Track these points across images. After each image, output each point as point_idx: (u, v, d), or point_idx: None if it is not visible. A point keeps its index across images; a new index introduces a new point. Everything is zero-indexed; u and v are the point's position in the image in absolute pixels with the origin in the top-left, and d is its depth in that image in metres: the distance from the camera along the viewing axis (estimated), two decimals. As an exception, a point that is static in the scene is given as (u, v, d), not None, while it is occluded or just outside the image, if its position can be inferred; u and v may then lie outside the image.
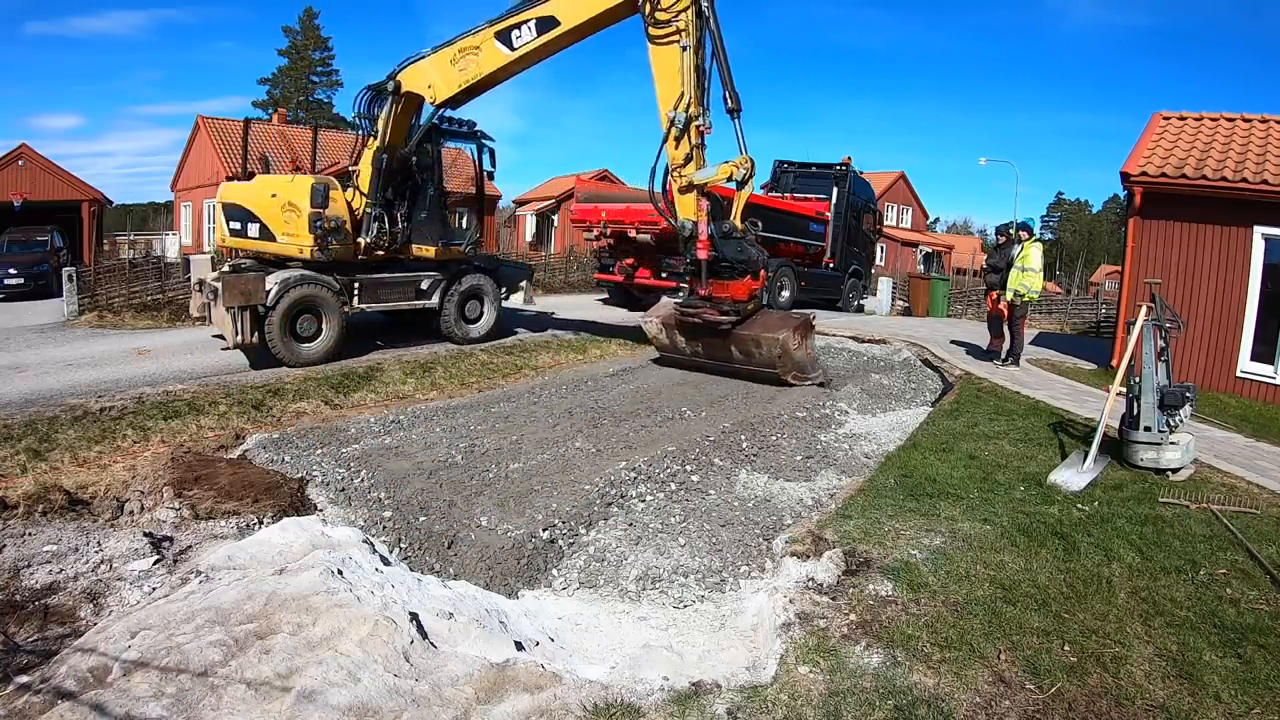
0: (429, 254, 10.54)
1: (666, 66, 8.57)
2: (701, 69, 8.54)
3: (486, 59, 9.29)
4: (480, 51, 9.29)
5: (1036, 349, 12.55)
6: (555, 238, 37.27)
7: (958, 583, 3.91)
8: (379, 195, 9.83)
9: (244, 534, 4.70)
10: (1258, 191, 9.07)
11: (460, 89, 9.52)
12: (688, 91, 8.45)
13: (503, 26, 9.15)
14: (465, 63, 9.39)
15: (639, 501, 5.55)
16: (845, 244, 18.51)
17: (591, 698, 2.89)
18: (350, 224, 9.73)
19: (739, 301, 9.05)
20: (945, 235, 61.62)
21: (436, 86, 9.58)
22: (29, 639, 3.45)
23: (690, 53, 8.37)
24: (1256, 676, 3.15)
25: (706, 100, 8.65)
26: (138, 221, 52.62)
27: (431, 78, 9.59)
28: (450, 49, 9.46)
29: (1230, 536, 4.60)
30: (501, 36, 9.15)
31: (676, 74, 8.49)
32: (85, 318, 12.83)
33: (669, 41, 8.48)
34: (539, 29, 8.98)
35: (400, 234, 10.15)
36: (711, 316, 9.05)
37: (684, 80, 8.45)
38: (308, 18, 53.95)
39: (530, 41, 9.04)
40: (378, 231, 9.83)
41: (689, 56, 8.39)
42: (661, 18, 8.47)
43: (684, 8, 8.38)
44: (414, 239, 10.38)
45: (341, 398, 8.17)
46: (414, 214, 10.34)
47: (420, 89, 9.69)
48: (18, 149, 21.73)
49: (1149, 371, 5.94)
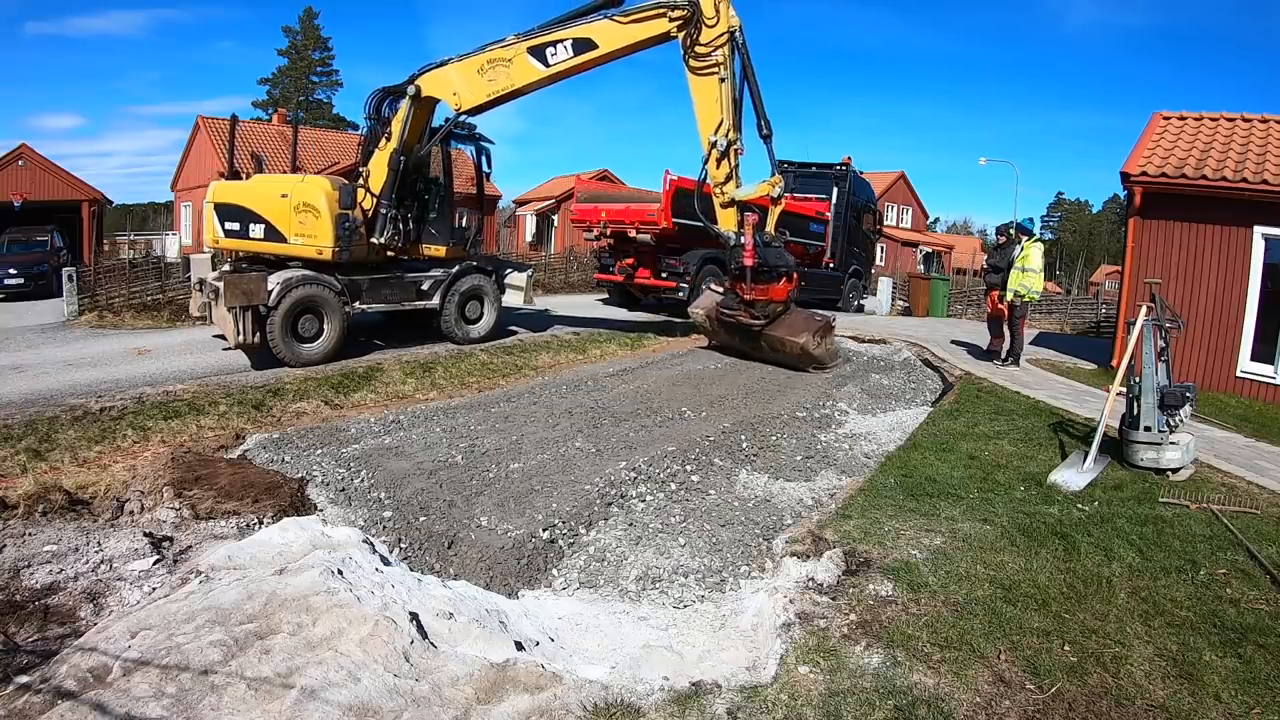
0: (439, 253, 10.72)
1: (706, 96, 9.17)
2: (736, 98, 9.15)
3: (518, 72, 9.41)
4: (511, 64, 9.40)
5: (1036, 349, 12.54)
6: (555, 238, 37.26)
7: (958, 583, 3.91)
8: (393, 195, 9.87)
9: (244, 534, 4.70)
10: (1258, 191, 9.06)
11: (489, 99, 9.63)
12: (726, 119, 9.10)
13: (537, 43, 9.28)
14: (495, 74, 9.50)
15: (639, 501, 5.55)
16: (845, 244, 18.51)
17: (591, 698, 2.89)
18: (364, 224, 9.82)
19: (774, 302, 10.01)
20: (945, 235, 61.64)
21: (462, 94, 9.66)
22: (29, 639, 3.45)
23: (728, 83, 9.00)
24: (1256, 676, 3.15)
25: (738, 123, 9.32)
26: (138, 221, 52.63)
27: (457, 85, 9.66)
28: (478, 58, 9.54)
29: (1230, 536, 4.60)
30: (535, 52, 9.28)
31: (715, 103, 9.10)
32: (85, 318, 12.83)
33: (709, 73, 9.06)
34: (575, 49, 9.19)
35: (410, 234, 10.27)
36: (745, 319, 10.12)
37: (723, 109, 9.08)
38: (308, 18, 54.02)
39: (566, 60, 9.24)
40: (391, 232, 9.90)
41: (727, 87, 9.01)
42: (701, 51, 9.01)
43: (722, 43, 8.94)
44: (424, 239, 10.52)
45: (341, 398, 8.17)
46: (424, 214, 10.48)
47: (444, 95, 9.76)
48: (18, 149, 21.75)
49: (1149, 371, 5.94)
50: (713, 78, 9.02)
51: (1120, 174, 10.11)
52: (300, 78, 53.96)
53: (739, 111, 9.28)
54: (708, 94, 9.14)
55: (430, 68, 9.79)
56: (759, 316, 10.07)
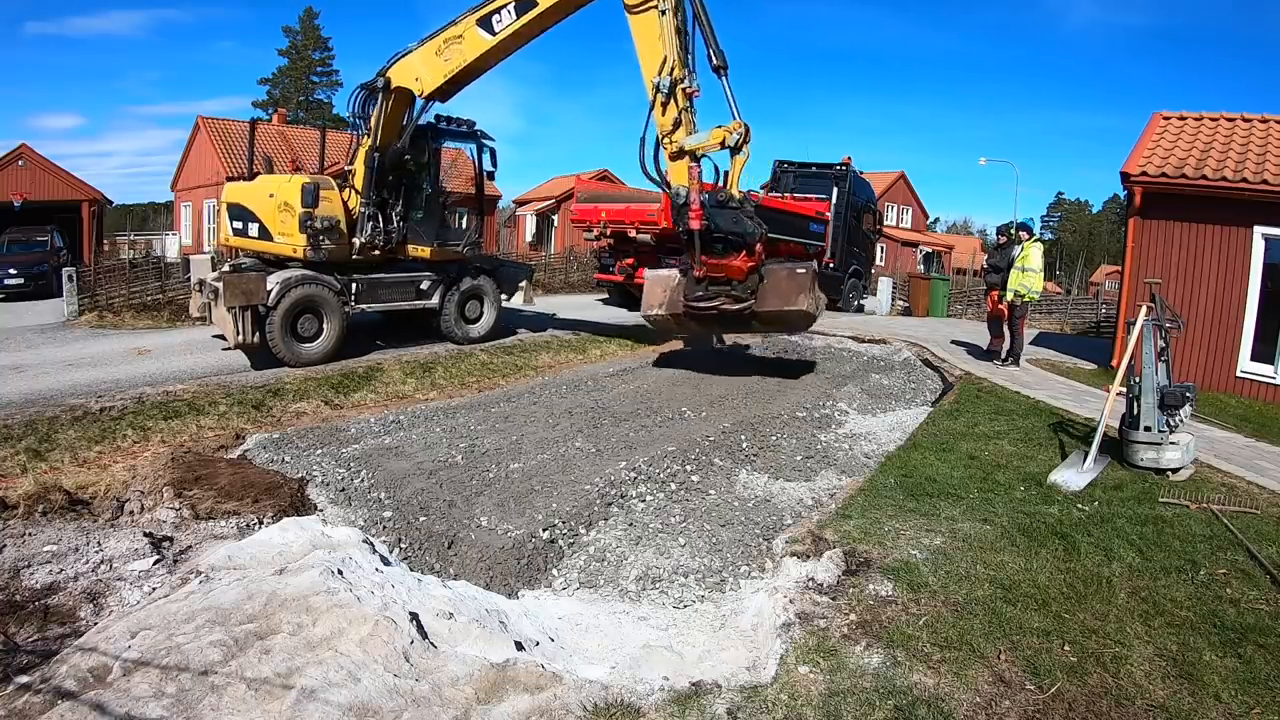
0: (423, 254, 10.46)
1: (647, 34, 8.27)
2: (683, 30, 8.24)
3: (469, 46, 9.23)
4: (464, 40, 9.23)
5: (1036, 349, 12.54)
6: (555, 238, 37.25)
7: (958, 583, 3.91)
8: (372, 194, 9.80)
9: (244, 534, 4.71)
10: (1258, 191, 9.06)
11: (446, 79, 9.44)
12: (670, 55, 8.09)
13: (484, 13, 9.08)
14: (450, 52, 9.33)
15: (639, 501, 5.55)
16: (845, 244, 18.51)
17: (591, 698, 2.89)
18: (345, 223, 9.73)
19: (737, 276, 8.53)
20: (945, 235, 61.61)
21: (424, 79, 9.52)
22: (29, 639, 3.46)
23: (670, 15, 8.11)
24: (1256, 676, 3.15)
25: (691, 61, 8.29)
26: (138, 221, 52.59)
27: (419, 70, 9.53)
28: (436, 40, 9.41)
29: (1230, 536, 4.59)
30: (483, 22, 9.09)
31: (657, 39, 8.16)
32: (85, 318, 12.83)
33: (646, 8, 8.21)
34: (518, 11, 8.90)
35: (395, 234, 10.09)
36: (730, 306, 8.69)
37: (665, 44, 8.11)
38: (308, 18, 53.98)
39: (510, 24, 8.95)
40: (372, 231, 9.80)
41: (668, 19, 8.11)
42: None
43: None
44: (409, 239, 10.30)
45: (341, 398, 8.18)
46: (410, 214, 10.26)
47: (409, 83, 9.63)
48: (18, 149, 21.73)
49: (1149, 371, 5.93)
50: (651, 12, 8.17)
51: (1120, 174, 10.11)
52: (300, 78, 53.93)
53: (687, 47, 8.25)
54: (648, 31, 8.24)
55: (399, 56, 9.65)
56: (743, 296, 8.64)
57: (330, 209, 9.61)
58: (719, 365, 10.48)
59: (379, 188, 9.90)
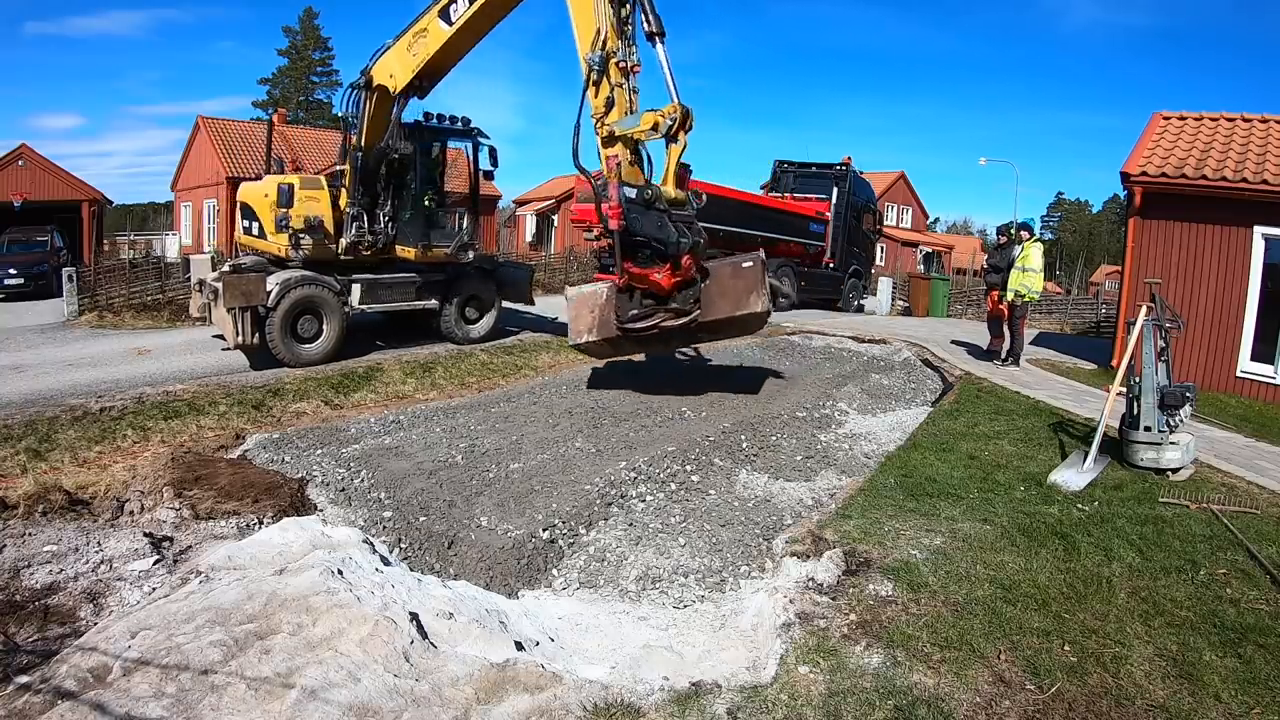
0: (409, 255, 10.25)
1: (581, 6, 7.50)
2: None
3: (433, 38, 9.15)
4: (428, 33, 9.18)
5: (1036, 349, 12.54)
6: (555, 238, 37.27)
7: (958, 583, 3.91)
8: (358, 194, 9.79)
9: (244, 534, 4.71)
10: (1258, 191, 9.06)
11: (414, 73, 9.37)
12: (603, 25, 7.22)
13: (444, 3, 8.99)
14: (417, 46, 9.29)
15: (639, 501, 5.55)
16: (845, 244, 18.53)
17: (591, 698, 2.89)
18: (332, 223, 9.75)
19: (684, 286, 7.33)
20: (945, 235, 61.59)
21: (396, 75, 9.48)
22: (29, 639, 3.46)
23: None
24: (1256, 676, 3.15)
25: (630, 33, 7.43)
26: (138, 221, 52.58)
27: (392, 67, 9.51)
28: (407, 35, 9.38)
29: (1230, 536, 4.59)
30: (443, 14, 9.01)
31: (590, 8, 7.36)
32: (85, 318, 12.83)
33: None
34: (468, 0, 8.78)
35: (383, 234, 10.02)
36: (672, 323, 7.45)
37: (597, 13, 7.25)
38: (308, 18, 54.01)
39: (464, 13, 8.81)
40: (356, 231, 9.78)
41: None
42: None
43: None
44: (397, 240, 10.19)
45: (341, 398, 8.18)
46: (398, 214, 10.17)
47: (385, 80, 9.60)
48: (18, 149, 21.73)
49: (1149, 371, 5.93)
50: None
51: (1120, 174, 10.11)
52: (300, 78, 53.94)
53: (625, 18, 7.36)
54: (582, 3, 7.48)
55: (378, 54, 9.60)
56: (686, 307, 7.38)
57: (316, 208, 9.62)
58: (719, 365, 10.48)
59: (369, 187, 9.89)
